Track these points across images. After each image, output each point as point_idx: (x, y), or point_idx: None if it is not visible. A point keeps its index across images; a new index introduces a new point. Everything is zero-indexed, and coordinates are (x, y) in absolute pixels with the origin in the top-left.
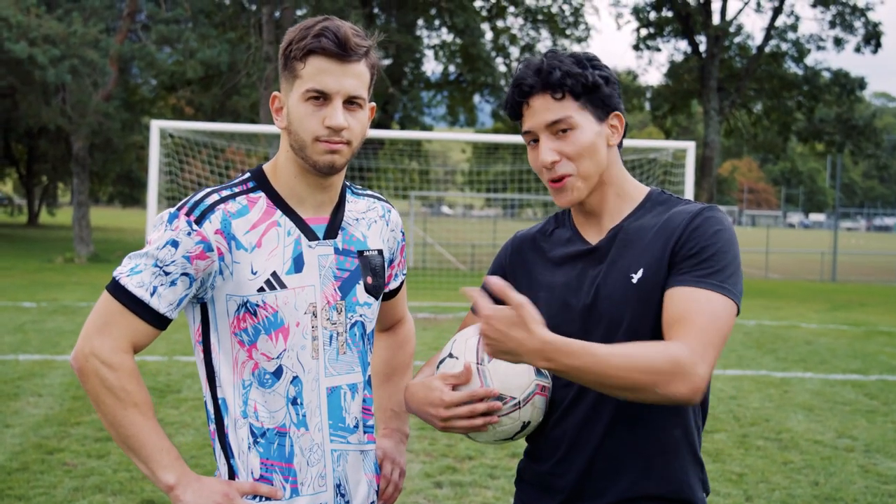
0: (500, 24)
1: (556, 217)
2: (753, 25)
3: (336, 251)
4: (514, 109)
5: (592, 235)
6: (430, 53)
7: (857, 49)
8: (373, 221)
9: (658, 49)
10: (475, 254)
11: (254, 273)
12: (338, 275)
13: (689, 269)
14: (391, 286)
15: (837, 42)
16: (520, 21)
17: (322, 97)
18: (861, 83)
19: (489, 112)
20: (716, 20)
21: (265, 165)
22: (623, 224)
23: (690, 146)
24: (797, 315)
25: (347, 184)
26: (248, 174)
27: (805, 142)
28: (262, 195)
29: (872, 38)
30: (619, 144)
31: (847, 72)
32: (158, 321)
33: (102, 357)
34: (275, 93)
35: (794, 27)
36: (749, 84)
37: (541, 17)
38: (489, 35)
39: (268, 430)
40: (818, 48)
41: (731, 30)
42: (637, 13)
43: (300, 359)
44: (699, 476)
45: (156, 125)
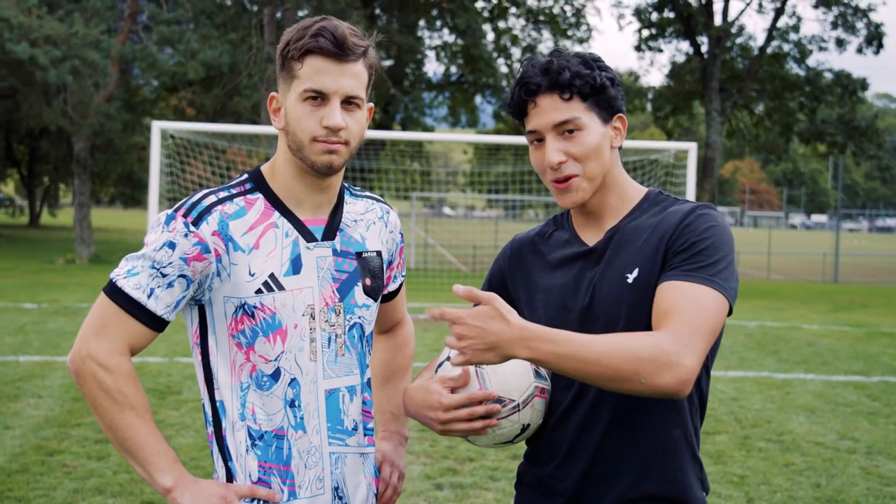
0: (502, 25)
1: (556, 219)
2: (755, 26)
3: (334, 253)
4: (519, 108)
5: (590, 237)
6: (432, 54)
7: (859, 50)
8: (371, 223)
9: (660, 50)
10: (477, 255)
11: (251, 275)
12: (336, 276)
13: (679, 264)
14: (390, 288)
15: (839, 43)
16: (521, 22)
17: (320, 97)
18: (863, 84)
19: (491, 113)
20: (717, 21)
21: (263, 167)
22: (620, 225)
23: (692, 147)
24: (799, 316)
25: (346, 185)
26: (246, 175)
27: (807, 143)
28: (260, 196)
29: (874, 39)
30: (620, 146)
31: (849, 73)
32: (155, 323)
33: (99, 359)
34: (272, 93)
35: (796, 28)
36: (751, 85)
37: (542, 18)
38: (491, 36)
39: (266, 433)
40: (820, 49)
41: (733, 31)
42: (639, 14)
43: (298, 361)
44: (698, 475)
45: (157, 126)
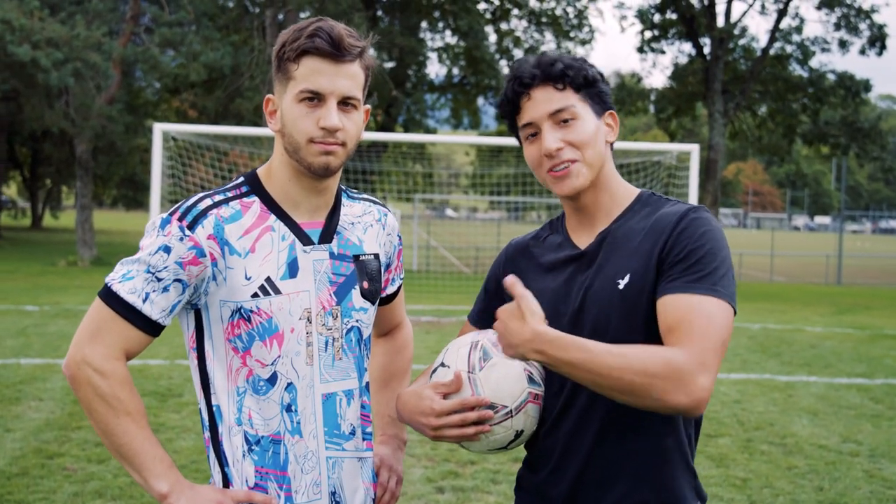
0: (504, 27)
1: (551, 223)
2: (758, 28)
3: (331, 256)
4: (513, 104)
5: (582, 240)
6: (434, 56)
7: (862, 51)
8: (369, 225)
9: (662, 51)
10: (479, 257)
11: (247, 279)
12: (333, 280)
13: (680, 275)
14: (388, 291)
15: (842, 44)
16: (524, 23)
17: (316, 98)
18: (866, 85)
19: (493, 114)
20: (720, 22)
21: (259, 169)
22: (611, 227)
23: (694, 149)
24: (802, 318)
25: (343, 187)
26: (242, 178)
27: (810, 144)
28: (256, 199)
29: (877, 41)
30: (612, 144)
31: (852, 74)
32: (151, 328)
33: (94, 364)
34: (268, 95)
35: (799, 29)
36: (754, 86)
37: (545, 20)
38: (493, 37)
39: (262, 438)
40: (823, 50)
41: (736, 32)
42: (641, 16)
43: (294, 365)
44: (691, 484)
45: (158, 128)
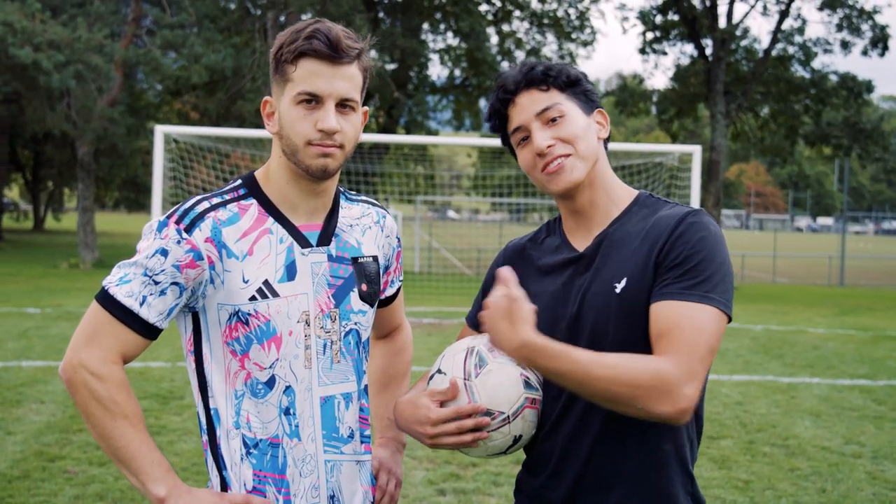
0: (506, 28)
1: (548, 225)
2: (760, 29)
3: (330, 258)
4: (500, 113)
5: (580, 242)
6: (436, 58)
7: (865, 52)
8: (367, 227)
9: (664, 53)
10: (481, 258)
11: (245, 281)
12: (331, 282)
13: (674, 281)
14: (387, 293)
15: (844, 45)
16: (525, 25)
17: (314, 100)
18: (868, 86)
19: None
20: (722, 23)
21: (257, 172)
22: (609, 230)
23: (696, 150)
24: (805, 320)
25: (341, 189)
26: (240, 181)
27: (812, 145)
28: (254, 202)
29: (880, 42)
30: (606, 145)
31: (854, 75)
32: (148, 331)
33: (91, 368)
34: (266, 97)
35: (801, 30)
36: (756, 87)
37: (546, 21)
38: (495, 39)
39: (260, 441)
40: (825, 51)
41: (738, 33)
42: (643, 17)
43: (293, 368)
44: (689, 490)
45: (160, 130)
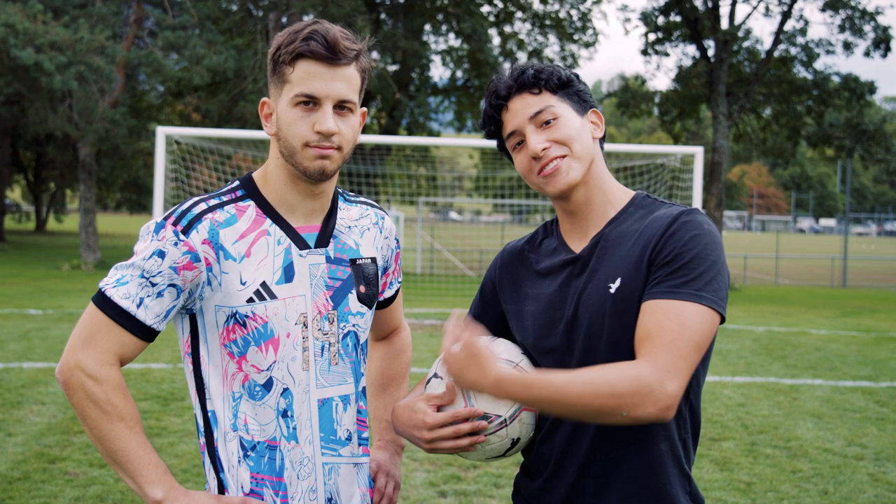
0: (508, 30)
1: (545, 226)
2: (762, 30)
3: (328, 260)
4: (493, 119)
5: (577, 243)
6: (438, 59)
7: (867, 53)
8: (366, 229)
9: (666, 54)
10: (483, 260)
11: (243, 283)
12: (329, 284)
13: (664, 279)
14: (386, 294)
15: (847, 46)
16: (527, 26)
17: (311, 102)
18: (871, 87)
19: None
20: (724, 25)
21: (255, 173)
22: (605, 231)
23: (699, 151)
24: (807, 321)
25: (340, 190)
26: (238, 182)
27: (815, 146)
28: (252, 203)
29: (882, 43)
30: (602, 145)
31: (857, 76)
32: (145, 333)
33: (88, 370)
34: (264, 98)
35: (804, 31)
36: (758, 88)
37: (548, 23)
38: (497, 40)
39: (258, 444)
40: (827, 52)
41: (740, 34)
42: (645, 18)
43: (290, 370)
44: (687, 489)
45: (161, 132)
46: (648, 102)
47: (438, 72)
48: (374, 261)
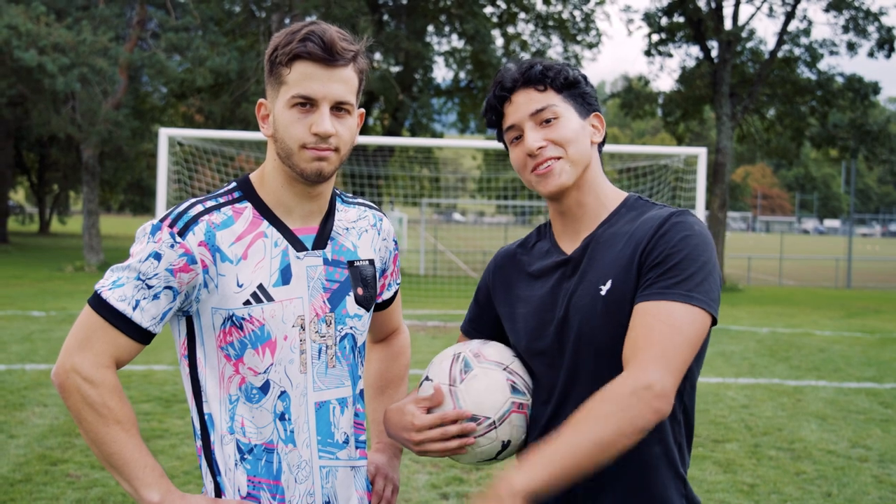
0: (511, 31)
1: (539, 229)
2: (766, 30)
3: (325, 262)
4: (496, 109)
5: (568, 245)
6: (441, 60)
7: (871, 54)
8: (364, 231)
9: (670, 55)
10: (486, 261)
11: (239, 286)
12: (327, 286)
13: (654, 281)
14: (384, 296)
15: (851, 47)
16: (530, 27)
17: (308, 103)
18: (875, 88)
19: None
20: (728, 25)
21: (252, 175)
22: (596, 232)
23: (702, 152)
24: (811, 322)
25: (338, 192)
26: (234, 184)
27: (819, 147)
28: (249, 205)
29: (886, 43)
30: (600, 149)
31: (861, 76)
32: (141, 336)
33: (83, 373)
34: (260, 100)
35: (807, 32)
36: (762, 89)
37: (551, 23)
38: (500, 41)
39: (255, 447)
40: (831, 53)
41: (744, 35)
42: (648, 19)
43: (288, 373)
44: (682, 492)
45: (164, 133)
46: (652, 103)
47: (441, 73)
48: (372, 262)
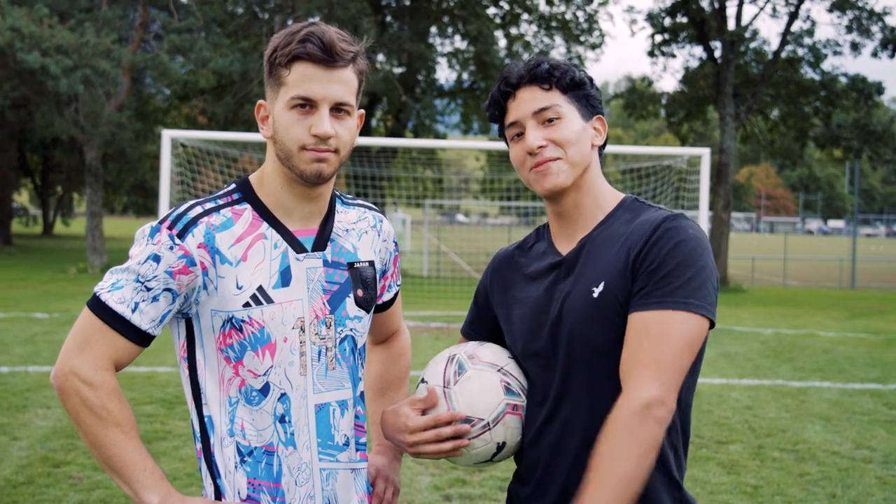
0: (514, 32)
1: (538, 231)
2: (769, 30)
3: (325, 263)
4: (500, 104)
5: (564, 246)
6: (444, 61)
7: (875, 54)
8: (363, 232)
9: (673, 55)
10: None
11: (239, 288)
12: (327, 288)
13: (651, 290)
14: (384, 298)
15: (854, 47)
16: (533, 28)
17: (308, 104)
18: (878, 88)
19: None
20: (731, 26)
21: (251, 176)
22: (592, 234)
23: (705, 152)
24: (815, 323)
25: (337, 193)
26: (234, 185)
27: (822, 147)
28: (248, 207)
29: (890, 43)
30: (601, 152)
31: (864, 77)
32: (140, 338)
33: (82, 375)
34: (260, 101)
35: (811, 32)
36: (765, 90)
37: (555, 24)
38: (503, 42)
39: (255, 449)
40: (835, 53)
41: (747, 35)
42: (651, 19)
43: (288, 375)
44: (675, 495)
45: (167, 135)
46: (655, 104)
47: (444, 74)
48: (372, 264)
